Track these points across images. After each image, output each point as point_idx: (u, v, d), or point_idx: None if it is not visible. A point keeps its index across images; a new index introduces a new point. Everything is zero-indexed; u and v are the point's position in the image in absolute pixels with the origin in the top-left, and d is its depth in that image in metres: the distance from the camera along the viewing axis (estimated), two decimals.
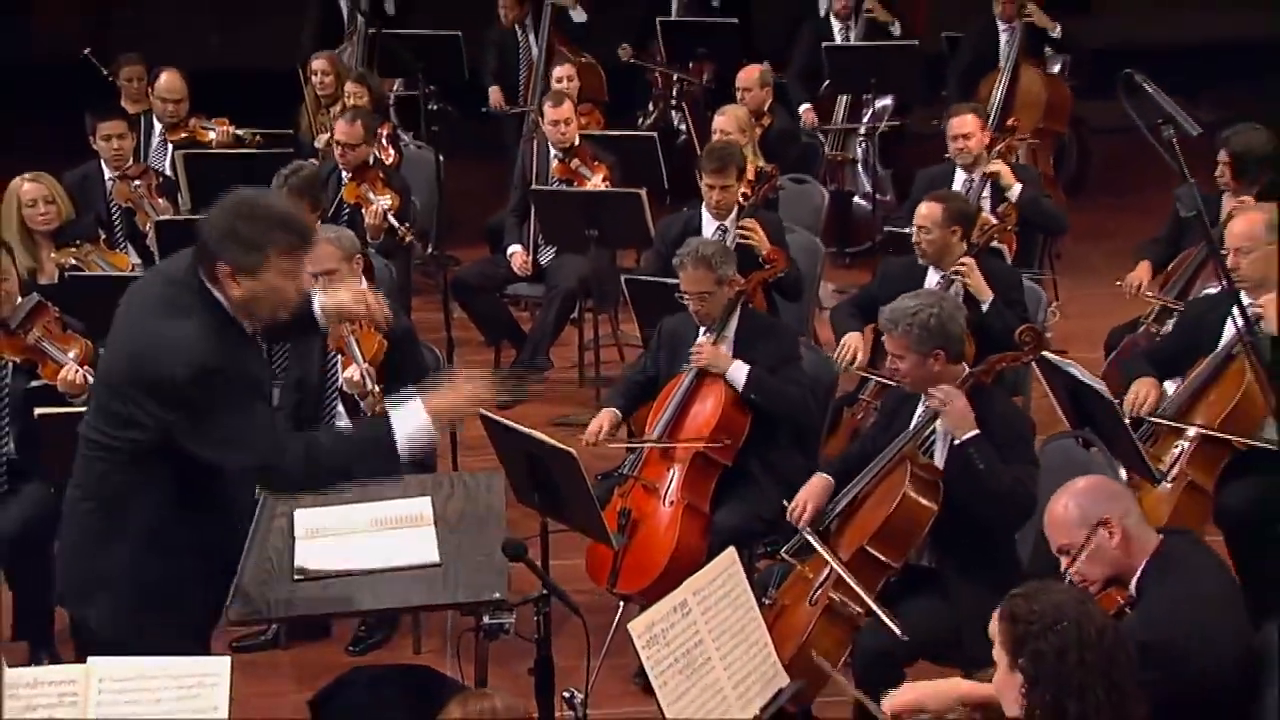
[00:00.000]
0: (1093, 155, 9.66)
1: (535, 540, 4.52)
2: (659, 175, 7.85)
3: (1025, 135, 7.94)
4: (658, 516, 5.23)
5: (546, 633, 3.82)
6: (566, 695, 3.79)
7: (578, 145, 7.59)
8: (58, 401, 5.19)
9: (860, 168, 9.12)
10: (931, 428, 4.68)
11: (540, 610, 3.81)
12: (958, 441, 4.57)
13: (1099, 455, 4.81)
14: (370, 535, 3.99)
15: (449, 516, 4.10)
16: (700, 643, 3.71)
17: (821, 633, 4.53)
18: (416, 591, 3.84)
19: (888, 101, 9.05)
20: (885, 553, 4.54)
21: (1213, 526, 5.05)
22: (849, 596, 4.52)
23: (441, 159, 7.02)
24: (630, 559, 5.15)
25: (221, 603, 3.82)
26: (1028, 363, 4.88)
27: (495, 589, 3.75)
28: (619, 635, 5.09)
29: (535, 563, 3.90)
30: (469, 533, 4.02)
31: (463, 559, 3.90)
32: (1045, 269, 7.64)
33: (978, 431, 4.54)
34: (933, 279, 5.91)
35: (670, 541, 5.15)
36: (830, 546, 4.63)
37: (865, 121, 9.08)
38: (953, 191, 6.48)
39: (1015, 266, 6.50)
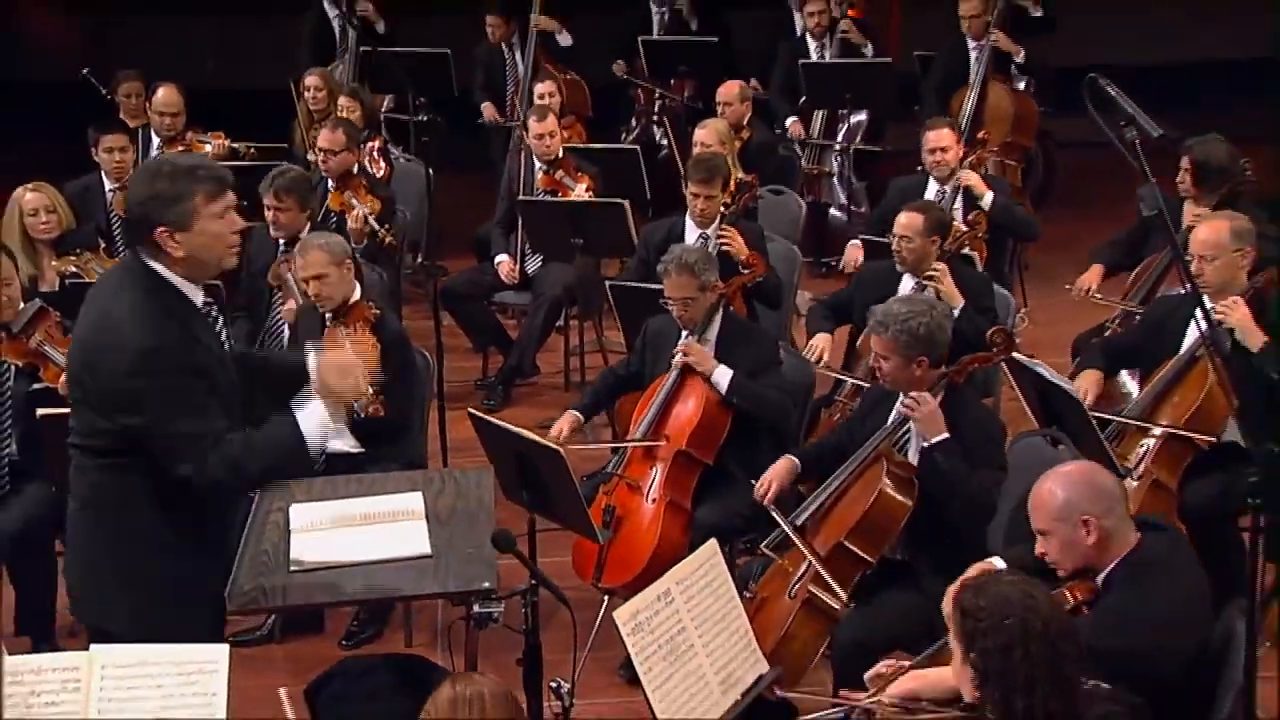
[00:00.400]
0: (1058, 167, 9.71)
1: (524, 538, 4.51)
2: (641, 187, 7.88)
3: (995, 148, 8.00)
4: (641, 513, 5.25)
5: (534, 624, 3.82)
6: (553, 685, 3.79)
7: (562, 157, 7.60)
8: (59, 404, 5.15)
9: (836, 180, 9.15)
10: (907, 425, 4.70)
11: (528, 602, 3.81)
12: (926, 444, 4.60)
13: (1066, 453, 4.83)
14: (363, 529, 4.00)
15: (440, 511, 4.11)
16: (683, 630, 3.72)
17: (801, 625, 4.56)
18: (409, 581, 3.84)
19: (862, 117, 9.10)
20: (862, 547, 4.56)
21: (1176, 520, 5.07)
22: (827, 589, 4.54)
23: (431, 172, 7.03)
24: (615, 554, 5.17)
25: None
26: (998, 363, 4.90)
27: (485, 579, 3.76)
28: (604, 629, 5.10)
29: (523, 553, 3.90)
30: (459, 526, 4.03)
31: (453, 551, 3.91)
32: (1014, 277, 7.68)
33: (947, 435, 4.57)
34: (907, 284, 5.93)
35: (653, 537, 5.16)
36: (809, 541, 4.65)
37: (840, 137, 9.12)
38: (931, 202, 6.50)
39: (985, 274, 6.53)
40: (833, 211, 9.18)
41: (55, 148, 8.15)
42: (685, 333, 5.43)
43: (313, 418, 3.75)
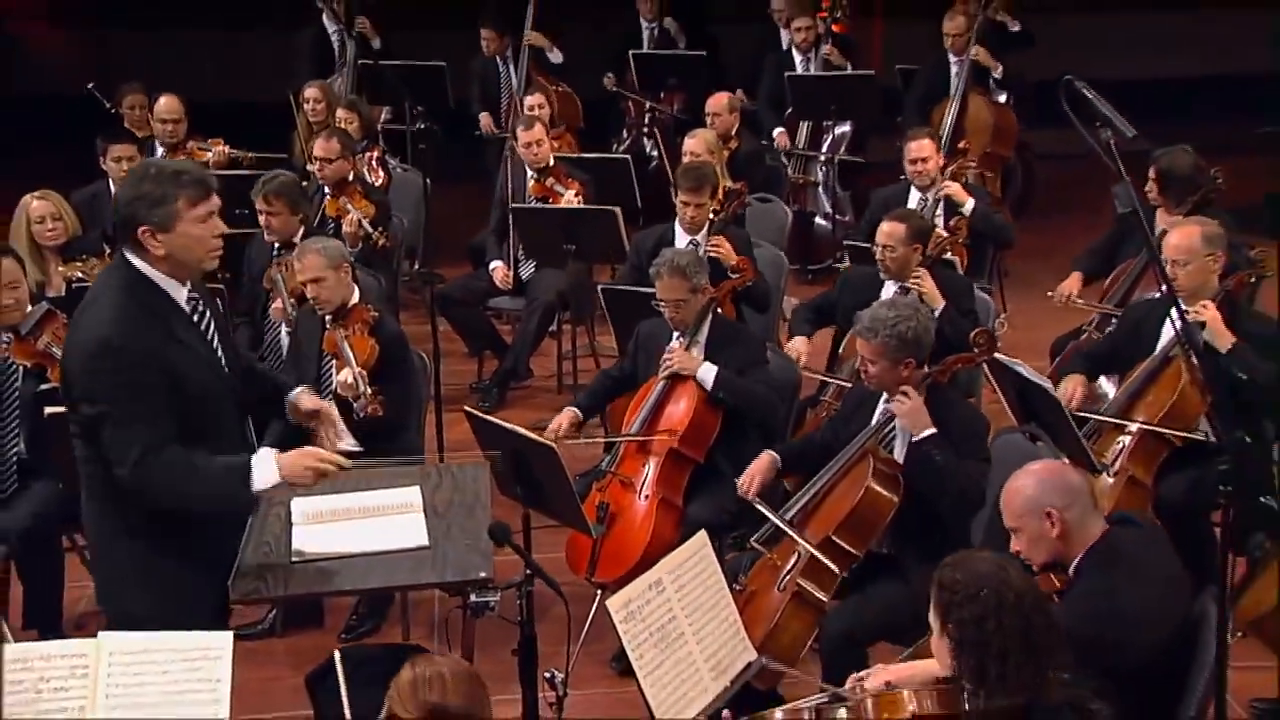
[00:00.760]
0: (1036, 177, 9.79)
1: (519, 534, 4.53)
2: (632, 195, 7.90)
3: (974, 158, 8.05)
4: (634, 509, 5.26)
5: (529, 615, 3.82)
6: (548, 676, 3.81)
7: (552, 165, 7.64)
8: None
9: (821, 190, 9.19)
10: (892, 424, 4.72)
11: (523, 593, 3.82)
12: (915, 439, 4.62)
13: (1044, 449, 4.87)
14: (363, 521, 4.00)
15: (437, 504, 4.11)
16: (674, 618, 3.74)
17: (790, 617, 4.55)
18: (407, 572, 3.85)
19: (846, 128, 9.14)
20: (850, 541, 4.57)
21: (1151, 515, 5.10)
22: (815, 582, 4.56)
23: (428, 181, 7.06)
24: (607, 549, 5.18)
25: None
26: (981, 363, 4.92)
27: (481, 569, 3.76)
28: (597, 622, 5.13)
29: (519, 545, 3.92)
30: (456, 519, 4.04)
31: (450, 542, 3.91)
32: (994, 283, 7.71)
33: (934, 430, 4.60)
34: (890, 288, 5.95)
35: (645, 533, 5.18)
36: (798, 536, 4.66)
37: (825, 148, 9.16)
38: (912, 211, 6.54)
39: (967, 278, 6.56)
40: (818, 220, 9.22)
41: (57, 159, 8.17)
42: (676, 334, 5.46)
43: (267, 471, 3.72)
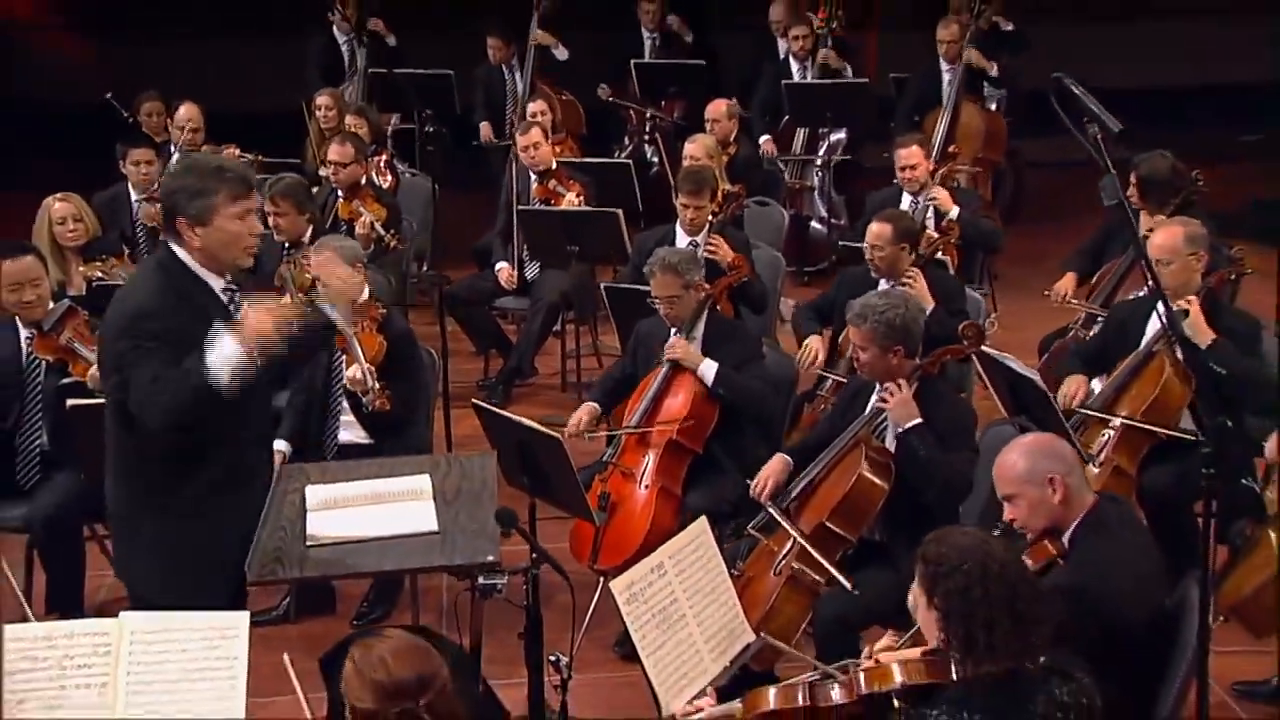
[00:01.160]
0: (1026, 183, 9.84)
1: (524, 523, 4.55)
2: (634, 199, 7.93)
3: (966, 162, 8.09)
4: (634, 499, 5.29)
5: (535, 598, 3.87)
6: (553, 659, 3.85)
7: (554, 168, 7.68)
8: (88, 398, 5.22)
9: (817, 194, 9.22)
10: (884, 414, 4.75)
11: (529, 578, 3.86)
12: (901, 430, 4.66)
13: None
14: (375, 507, 4.03)
15: (446, 491, 4.14)
16: (675, 601, 3.77)
17: (785, 600, 4.59)
18: (417, 555, 3.88)
19: (841, 135, 9.18)
20: (843, 527, 4.60)
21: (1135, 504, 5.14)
22: (810, 566, 4.60)
23: (436, 186, 7.11)
24: (609, 537, 5.21)
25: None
26: (969, 354, 4.96)
27: (489, 553, 3.79)
28: (600, 608, 5.16)
29: (525, 529, 3.96)
30: (465, 505, 4.07)
31: (459, 528, 3.94)
32: (985, 286, 7.75)
33: (920, 420, 4.63)
34: (883, 287, 5.99)
35: (646, 521, 5.20)
36: (793, 522, 4.70)
37: (821, 153, 9.20)
38: (899, 211, 6.58)
39: (958, 278, 6.60)
40: (813, 224, 9.26)
41: (75, 167, 8.20)
42: (674, 330, 5.50)
43: (222, 351, 3.70)
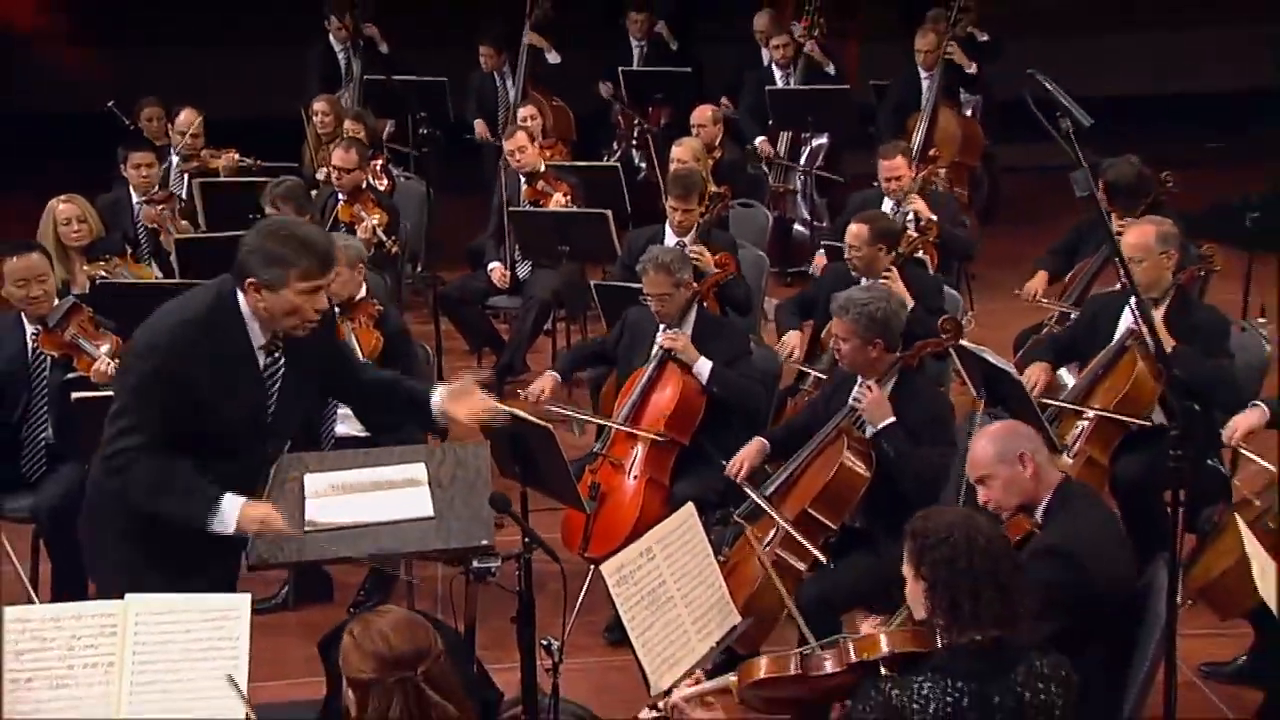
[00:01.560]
0: (1001, 187, 9.91)
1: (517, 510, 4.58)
2: (623, 201, 7.94)
3: (944, 166, 8.13)
4: (624, 489, 5.33)
5: (528, 583, 3.88)
6: (544, 643, 3.86)
7: (543, 170, 7.71)
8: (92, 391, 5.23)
9: (799, 198, 9.26)
10: None
11: (522, 563, 3.88)
12: (872, 431, 4.69)
13: None
14: (372, 494, 4.03)
15: (441, 479, 4.13)
16: (663, 583, 3.78)
17: (769, 585, 4.59)
18: (414, 540, 3.88)
19: (824, 140, 9.22)
20: (825, 514, 4.64)
21: (1108, 494, 5.17)
22: (793, 552, 4.62)
23: (430, 189, 7.13)
24: (599, 526, 5.24)
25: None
26: (947, 348, 4.99)
27: (483, 536, 3.81)
28: (590, 596, 5.18)
29: (517, 513, 3.97)
30: (459, 492, 4.06)
31: (454, 513, 3.95)
32: (962, 286, 7.79)
33: (893, 420, 4.66)
34: (864, 284, 6.01)
35: (635, 511, 5.24)
36: (777, 509, 4.73)
37: (803, 160, 9.23)
38: (878, 212, 6.61)
39: (937, 276, 6.63)
40: (797, 226, 9.29)
41: (76, 173, 8.20)
42: (663, 328, 5.52)
43: (229, 516, 3.76)
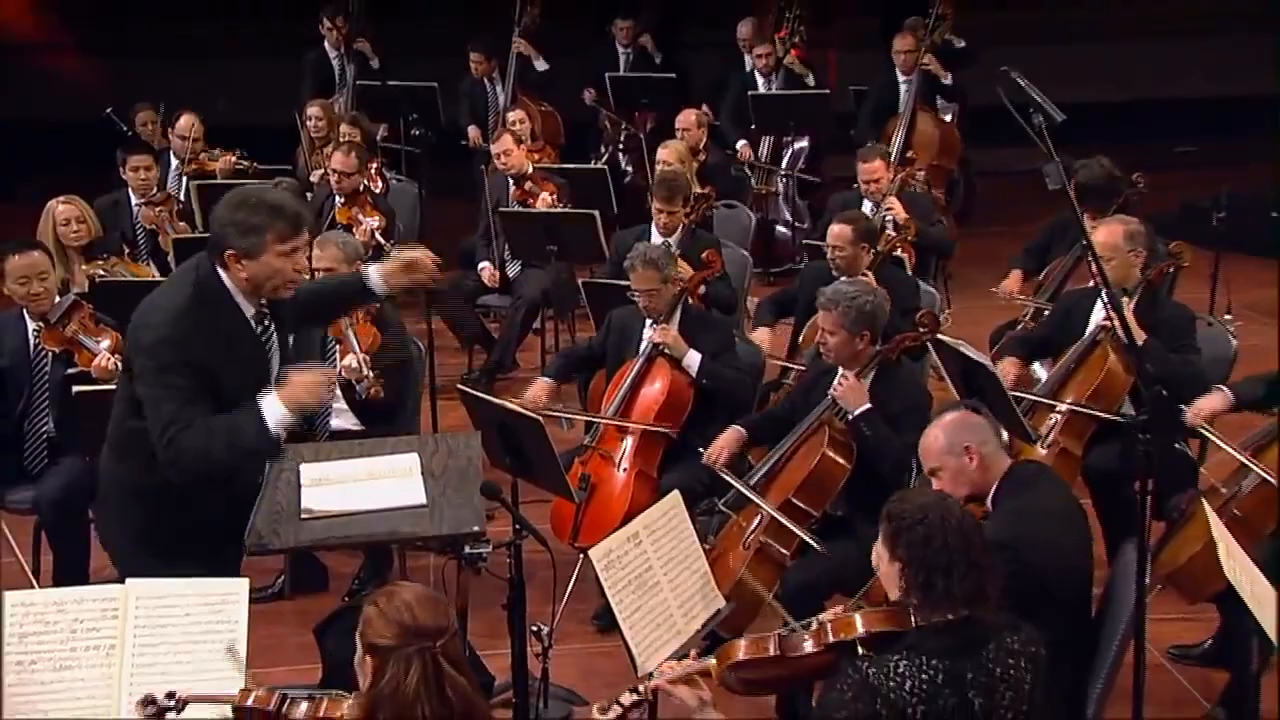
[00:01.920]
0: (977, 189, 9.96)
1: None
2: (610, 203, 7.98)
3: (922, 168, 8.17)
4: (613, 481, 5.33)
5: (518, 570, 3.90)
6: (534, 629, 3.88)
7: (530, 172, 7.73)
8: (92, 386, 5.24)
9: (781, 200, 9.31)
10: None
11: (513, 550, 3.89)
12: (851, 416, 4.72)
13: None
14: (366, 483, 4.04)
15: (434, 468, 4.13)
16: (650, 568, 3.79)
17: (753, 571, 4.63)
18: (407, 526, 3.88)
19: (804, 143, 9.26)
20: (807, 502, 4.67)
21: (1081, 483, 5.21)
22: (777, 539, 4.65)
23: (422, 191, 7.14)
24: (589, 517, 5.24)
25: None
26: (925, 341, 5.02)
27: (475, 523, 3.81)
28: (579, 585, 5.20)
29: (508, 499, 3.99)
30: (451, 481, 4.06)
31: (446, 501, 3.94)
32: (939, 285, 7.83)
33: (869, 406, 4.69)
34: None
35: (624, 502, 5.24)
36: (761, 498, 4.74)
37: (785, 163, 9.28)
38: (860, 213, 6.63)
39: (913, 277, 6.66)
40: (779, 228, 9.34)
41: (75, 179, 8.20)
42: (649, 322, 5.54)
43: (272, 412, 3.79)
